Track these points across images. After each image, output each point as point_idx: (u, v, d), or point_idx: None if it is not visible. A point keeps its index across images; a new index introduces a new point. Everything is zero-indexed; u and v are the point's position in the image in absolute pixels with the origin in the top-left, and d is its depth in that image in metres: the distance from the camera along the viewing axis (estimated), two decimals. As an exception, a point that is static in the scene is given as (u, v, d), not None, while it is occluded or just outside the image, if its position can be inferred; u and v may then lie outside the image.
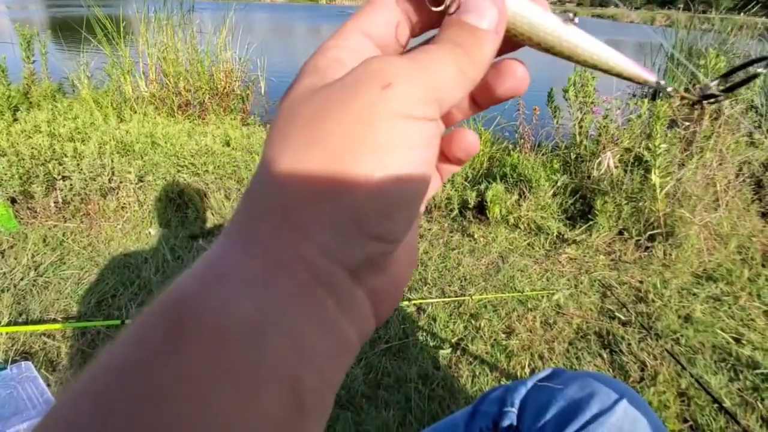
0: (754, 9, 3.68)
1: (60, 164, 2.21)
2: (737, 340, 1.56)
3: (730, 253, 2.03)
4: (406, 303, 1.69)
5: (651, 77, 0.21)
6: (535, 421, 0.61)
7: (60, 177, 2.19)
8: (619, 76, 0.21)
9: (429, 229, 2.27)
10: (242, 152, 2.60)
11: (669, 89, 0.22)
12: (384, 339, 1.55)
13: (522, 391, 0.67)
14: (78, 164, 2.20)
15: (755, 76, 0.21)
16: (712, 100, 0.22)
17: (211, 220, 2.28)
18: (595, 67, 0.20)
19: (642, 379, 1.41)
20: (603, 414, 0.58)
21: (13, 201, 2.17)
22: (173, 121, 3.09)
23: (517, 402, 0.66)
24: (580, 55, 0.19)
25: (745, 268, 1.92)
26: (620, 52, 0.20)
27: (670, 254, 2.04)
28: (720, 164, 2.23)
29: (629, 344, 1.54)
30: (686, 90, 0.22)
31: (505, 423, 0.64)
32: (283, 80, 5.03)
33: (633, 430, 0.56)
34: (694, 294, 1.81)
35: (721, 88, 0.22)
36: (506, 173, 2.47)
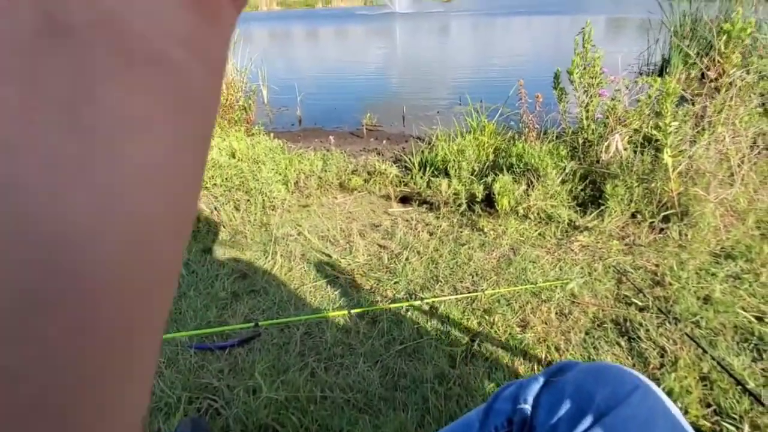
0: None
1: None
2: (759, 319, 1.52)
3: (748, 229, 1.98)
4: (418, 302, 1.69)
5: None
6: (549, 416, 0.60)
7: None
8: None
9: (438, 226, 2.26)
10: (248, 163, 2.63)
11: None
12: (398, 340, 1.55)
13: (535, 387, 0.66)
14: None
15: None
16: None
17: (223, 233, 2.31)
18: None
19: (662, 365, 1.38)
20: (618, 405, 0.57)
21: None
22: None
23: (530, 398, 0.66)
24: None
25: (765, 244, 1.87)
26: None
27: (686, 234, 1.99)
28: (733, 138, 2.17)
29: (647, 330, 1.51)
30: None
31: (519, 419, 0.64)
32: (284, 86, 5.05)
33: (649, 419, 0.55)
34: (712, 274, 1.77)
35: None
36: (512, 163, 2.45)
